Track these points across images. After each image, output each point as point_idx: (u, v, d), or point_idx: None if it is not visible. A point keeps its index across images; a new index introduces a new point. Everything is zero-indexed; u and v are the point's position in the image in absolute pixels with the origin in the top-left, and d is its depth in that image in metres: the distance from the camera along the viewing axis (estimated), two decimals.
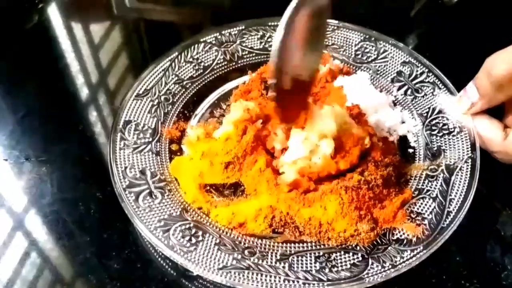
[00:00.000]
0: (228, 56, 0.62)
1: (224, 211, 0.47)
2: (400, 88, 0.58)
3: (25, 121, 0.59)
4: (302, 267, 0.43)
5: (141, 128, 0.53)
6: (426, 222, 0.46)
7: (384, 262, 0.43)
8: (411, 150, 0.53)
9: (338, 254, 0.44)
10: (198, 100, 0.58)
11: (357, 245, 0.45)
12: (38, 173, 0.53)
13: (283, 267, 0.43)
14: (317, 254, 0.44)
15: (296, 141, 0.48)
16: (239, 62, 0.62)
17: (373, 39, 0.62)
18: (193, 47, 0.61)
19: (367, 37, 0.62)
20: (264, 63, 0.61)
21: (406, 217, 0.46)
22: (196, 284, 0.45)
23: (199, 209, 0.48)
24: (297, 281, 0.42)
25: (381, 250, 0.44)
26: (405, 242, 0.44)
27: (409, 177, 0.50)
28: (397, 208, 0.47)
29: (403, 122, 0.55)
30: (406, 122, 0.55)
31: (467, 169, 0.49)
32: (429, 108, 0.55)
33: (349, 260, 0.43)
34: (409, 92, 0.57)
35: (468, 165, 0.49)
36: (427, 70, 0.58)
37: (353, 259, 0.43)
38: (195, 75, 0.59)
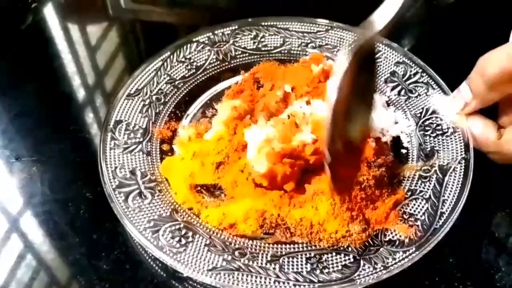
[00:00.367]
0: (221, 56, 0.61)
1: (214, 212, 0.46)
2: (393, 88, 0.58)
3: (17, 121, 0.59)
4: (293, 269, 0.42)
5: (132, 128, 0.52)
6: (418, 223, 0.45)
7: (376, 263, 0.42)
8: (404, 150, 0.53)
9: (329, 255, 0.43)
10: (190, 100, 0.57)
11: (349, 246, 0.44)
12: (29, 173, 0.53)
13: (274, 269, 0.42)
14: (308, 255, 0.43)
15: (249, 136, 0.48)
16: (232, 62, 0.61)
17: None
18: (185, 46, 0.61)
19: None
20: (257, 63, 0.61)
21: (398, 218, 0.46)
22: (186, 285, 0.44)
23: (190, 209, 0.47)
24: (288, 283, 0.41)
25: (373, 251, 0.43)
26: (397, 243, 0.44)
27: (402, 177, 0.50)
28: (390, 209, 0.46)
29: (396, 122, 0.54)
30: (399, 122, 0.54)
31: (460, 169, 0.48)
32: (422, 108, 0.55)
33: (341, 261, 0.43)
34: (402, 92, 0.57)
35: (461, 166, 0.49)
36: (421, 70, 0.58)
37: (345, 260, 0.43)
38: (187, 75, 0.59)
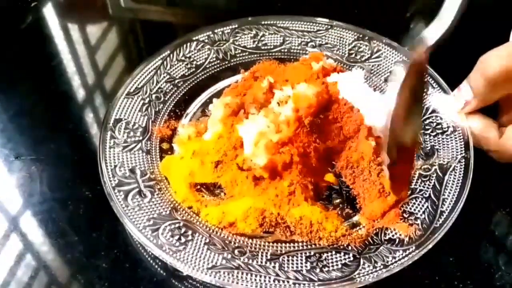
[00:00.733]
0: (220, 55, 0.61)
1: (214, 211, 0.46)
2: None
3: (16, 120, 0.59)
4: (292, 267, 0.42)
5: (131, 126, 0.52)
6: (418, 222, 0.45)
7: (375, 262, 0.42)
8: None
9: (329, 254, 0.43)
10: (190, 99, 0.57)
11: (349, 245, 0.44)
12: (28, 172, 0.53)
13: (274, 267, 0.42)
14: (308, 254, 0.43)
15: (243, 131, 0.48)
16: (232, 61, 0.61)
17: (367, 38, 0.61)
18: (185, 45, 0.61)
19: (361, 36, 0.62)
20: (257, 62, 0.61)
21: (398, 216, 0.46)
22: (185, 284, 0.44)
23: (189, 208, 0.47)
24: (288, 281, 0.41)
25: (373, 250, 0.43)
26: (397, 242, 0.44)
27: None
28: (390, 207, 0.46)
29: None
30: None
31: (460, 168, 0.48)
32: (423, 107, 0.55)
33: (341, 260, 0.43)
34: None
35: (461, 165, 0.49)
36: None
37: (345, 259, 0.43)
38: (187, 74, 0.59)
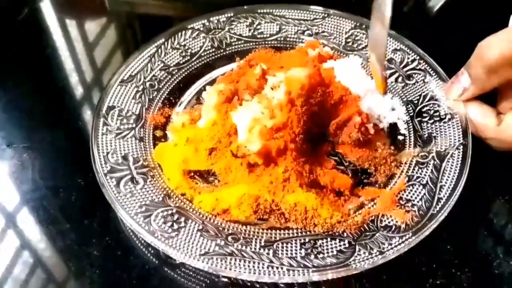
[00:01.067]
0: (216, 43, 0.61)
1: (208, 198, 0.46)
2: (391, 75, 0.57)
3: (9, 108, 0.58)
4: (287, 254, 0.41)
5: (124, 114, 0.52)
6: (415, 208, 0.44)
7: (371, 248, 0.41)
8: (401, 137, 0.52)
9: (324, 240, 0.43)
10: (184, 87, 0.56)
11: (344, 231, 0.43)
12: (20, 160, 0.52)
13: (267, 254, 0.41)
14: (302, 240, 0.43)
15: (237, 118, 0.48)
16: (227, 49, 0.60)
17: (364, 26, 0.61)
18: (180, 33, 0.60)
19: (358, 24, 0.61)
20: (252, 51, 0.60)
21: (395, 203, 0.45)
22: (178, 271, 0.43)
23: (183, 195, 0.46)
24: (281, 268, 0.40)
25: (369, 236, 0.43)
26: (393, 228, 0.43)
27: (399, 163, 0.49)
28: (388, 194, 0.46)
29: (394, 109, 0.54)
30: (396, 109, 0.54)
31: (458, 155, 0.48)
32: (420, 95, 0.54)
33: (336, 246, 0.42)
34: (400, 79, 0.56)
35: (459, 152, 0.48)
36: (418, 57, 0.57)
37: (340, 245, 0.42)
38: (181, 62, 0.58)
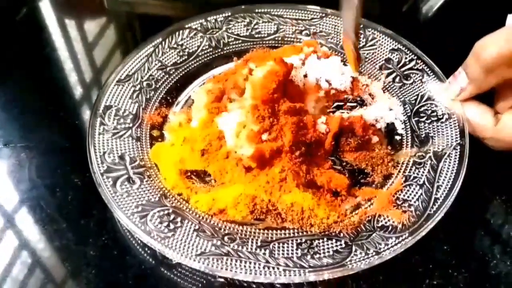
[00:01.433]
0: (213, 42, 0.60)
1: (204, 197, 0.46)
2: (388, 75, 0.57)
3: (6, 107, 0.58)
4: (283, 254, 0.41)
5: (121, 113, 0.52)
6: (412, 209, 0.44)
7: (368, 249, 0.41)
8: (398, 137, 0.52)
9: (320, 240, 0.42)
10: (181, 86, 0.56)
11: (341, 231, 0.43)
12: (17, 159, 0.52)
13: (264, 254, 0.41)
14: (299, 240, 0.43)
15: (222, 123, 0.48)
16: (225, 49, 0.60)
17: (362, 26, 0.61)
18: (177, 33, 0.60)
19: None
20: (250, 50, 0.60)
21: (392, 203, 0.45)
22: (174, 272, 0.43)
23: (179, 195, 0.46)
24: (278, 268, 0.40)
25: (365, 237, 0.43)
26: (390, 229, 0.43)
27: (396, 164, 0.49)
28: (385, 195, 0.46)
29: (391, 109, 0.54)
30: (393, 109, 0.53)
31: (455, 155, 0.48)
32: (417, 95, 0.54)
33: (332, 247, 0.42)
34: (397, 79, 0.56)
35: (456, 152, 0.48)
36: (416, 57, 0.57)
37: (336, 245, 0.42)
38: (179, 62, 0.58)
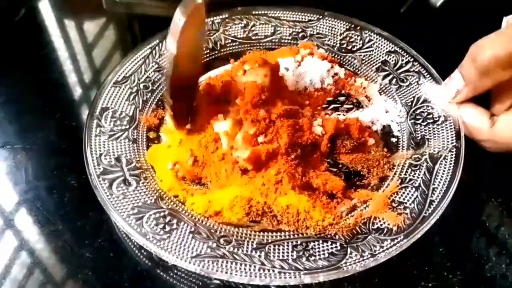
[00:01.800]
0: (210, 44, 0.61)
1: (200, 199, 0.46)
2: (384, 77, 0.57)
3: (3, 108, 0.58)
4: (278, 256, 0.41)
5: (118, 115, 0.52)
6: (408, 211, 0.44)
7: (363, 251, 0.41)
8: (394, 139, 0.52)
9: (316, 243, 0.43)
10: None
11: (336, 234, 0.43)
12: (14, 161, 0.52)
13: (259, 256, 0.41)
14: (294, 243, 0.43)
15: (218, 127, 0.49)
16: (222, 51, 0.60)
17: (359, 28, 0.61)
18: None
19: (353, 26, 0.61)
20: (247, 52, 0.60)
21: (387, 206, 0.45)
22: (170, 274, 0.43)
23: (175, 197, 0.46)
24: (273, 270, 0.40)
25: (361, 239, 0.43)
26: (385, 231, 0.43)
27: (392, 166, 0.49)
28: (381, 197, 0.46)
29: (387, 111, 0.54)
30: (390, 111, 0.54)
31: (451, 158, 0.48)
32: (413, 97, 0.54)
33: (327, 249, 0.42)
34: (393, 81, 0.56)
35: (452, 154, 0.48)
36: (412, 59, 0.57)
37: (332, 248, 0.42)
38: None
